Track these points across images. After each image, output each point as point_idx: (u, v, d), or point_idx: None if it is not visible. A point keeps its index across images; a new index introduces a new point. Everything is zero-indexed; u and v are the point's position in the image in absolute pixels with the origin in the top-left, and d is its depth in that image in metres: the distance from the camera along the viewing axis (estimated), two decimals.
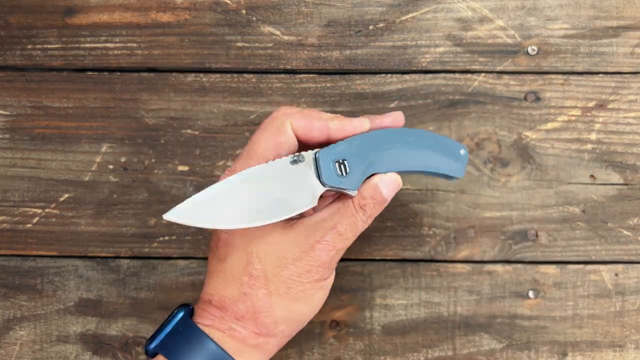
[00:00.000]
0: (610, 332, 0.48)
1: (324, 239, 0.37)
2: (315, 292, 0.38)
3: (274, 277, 0.37)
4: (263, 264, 0.38)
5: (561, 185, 0.48)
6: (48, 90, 0.49)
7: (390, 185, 0.39)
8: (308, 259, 0.37)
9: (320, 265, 0.37)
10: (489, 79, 0.48)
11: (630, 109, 0.48)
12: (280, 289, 0.38)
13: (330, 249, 0.37)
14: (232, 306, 0.38)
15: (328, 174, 0.37)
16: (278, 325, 0.38)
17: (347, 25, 0.49)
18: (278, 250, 0.38)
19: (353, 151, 0.38)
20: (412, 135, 0.41)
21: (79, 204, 0.49)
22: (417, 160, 0.41)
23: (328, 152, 0.38)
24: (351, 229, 0.38)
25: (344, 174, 0.38)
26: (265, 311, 0.38)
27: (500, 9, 0.48)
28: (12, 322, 0.49)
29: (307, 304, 0.38)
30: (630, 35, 0.48)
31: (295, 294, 0.38)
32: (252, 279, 0.38)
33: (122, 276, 0.49)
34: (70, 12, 0.49)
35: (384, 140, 0.40)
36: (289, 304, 0.38)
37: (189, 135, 0.49)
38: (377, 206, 0.39)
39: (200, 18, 0.49)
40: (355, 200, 0.38)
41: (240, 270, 0.38)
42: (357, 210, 0.38)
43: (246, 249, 0.38)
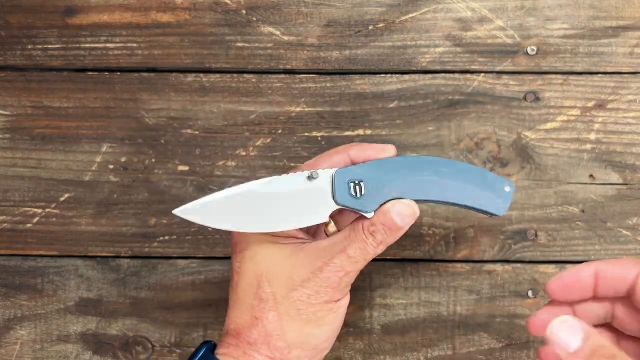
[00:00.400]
0: None
1: (332, 262, 0.37)
2: (326, 314, 0.38)
3: (283, 299, 0.37)
4: (272, 287, 0.37)
5: (561, 185, 0.49)
6: (48, 91, 0.49)
7: (403, 213, 0.38)
8: (316, 280, 0.37)
9: (329, 286, 0.37)
10: (488, 79, 0.49)
11: (629, 109, 0.48)
12: (291, 311, 0.37)
13: (339, 270, 0.37)
14: (245, 332, 0.38)
15: (342, 194, 0.38)
16: (292, 350, 0.37)
17: (347, 26, 0.49)
18: (287, 272, 0.37)
19: (372, 174, 0.38)
20: (447, 165, 0.39)
21: (79, 204, 0.49)
22: (448, 191, 0.39)
23: (345, 173, 0.38)
24: (361, 253, 0.37)
25: (359, 195, 0.38)
26: (277, 334, 0.37)
27: (499, 9, 0.48)
28: (13, 321, 0.49)
29: (318, 326, 0.38)
30: (630, 35, 0.48)
31: (307, 316, 0.37)
32: (263, 302, 0.37)
33: (122, 276, 0.49)
34: (71, 13, 0.49)
35: (410, 167, 0.39)
36: (301, 327, 0.37)
37: (189, 135, 0.49)
38: (388, 233, 0.38)
39: (200, 18, 0.49)
40: (366, 226, 0.37)
41: (252, 295, 0.38)
42: (367, 236, 0.37)
43: (256, 273, 0.38)
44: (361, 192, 0.38)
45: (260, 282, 0.38)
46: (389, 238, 0.38)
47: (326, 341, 0.39)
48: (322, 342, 0.38)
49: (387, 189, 0.38)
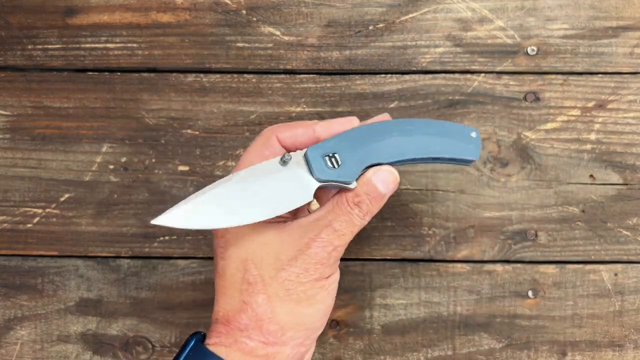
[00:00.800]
0: (609, 332, 0.48)
1: (319, 237, 0.36)
2: (317, 292, 0.37)
3: (271, 280, 0.36)
4: (259, 269, 0.36)
5: (560, 185, 0.49)
6: (48, 91, 0.49)
7: (385, 179, 0.37)
8: (304, 257, 0.36)
9: (318, 262, 0.36)
10: (488, 79, 0.49)
11: (629, 109, 0.48)
12: (280, 292, 0.36)
13: (327, 245, 0.36)
14: (235, 318, 0.37)
15: (319, 168, 0.37)
16: (285, 332, 0.36)
17: (347, 26, 0.49)
18: (273, 252, 0.36)
19: (343, 144, 0.37)
20: (410, 124, 0.39)
21: (79, 204, 0.49)
22: (420, 146, 0.39)
23: (316, 148, 0.37)
24: (347, 225, 0.37)
25: (336, 166, 0.37)
26: (267, 317, 0.36)
27: (499, 9, 0.48)
28: (13, 321, 0.49)
29: (310, 304, 0.37)
30: (630, 35, 0.48)
31: (297, 296, 0.36)
32: (250, 286, 0.36)
33: (122, 276, 0.49)
34: (71, 13, 0.49)
35: (376, 131, 0.38)
36: (292, 307, 0.36)
37: (190, 135, 0.49)
38: (373, 202, 0.37)
39: (200, 18, 0.49)
40: (350, 197, 0.37)
41: (239, 280, 0.37)
42: (352, 207, 0.37)
43: (241, 257, 0.37)
44: (337, 162, 0.37)
45: (246, 265, 0.36)
46: (374, 207, 0.37)
47: (319, 320, 0.38)
48: (315, 320, 0.37)
49: (363, 154, 0.37)
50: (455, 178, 0.49)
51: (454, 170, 0.48)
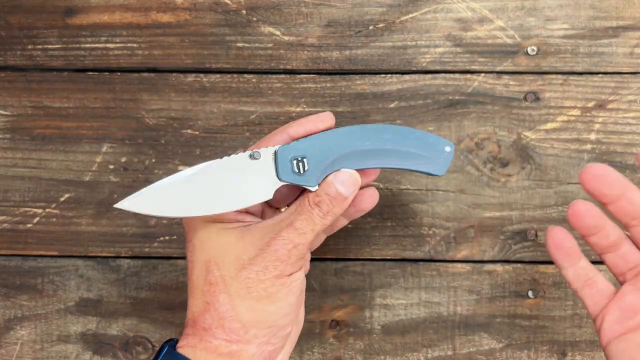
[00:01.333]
0: None
1: (279, 235, 0.37)
2: (278, 289, 0.37)
3: (232, 279, 0.37)
4: (220, 270, 0.37)
5: (561, 185, 0.49)
6: (48, 91, 0.49)
7: (345, 182, 0.38)
8: (264, 255, 0.36)
9: (277, 259, 0.36)
10: (488, 79, 0.49)
11: (629, 109, 0.48)
12: (241, 290, 0.37)
13: (287, 242, 0.37)
14: (200, 319, 0.37)
15: (284, 171, 0.38)
16: (248, 330, 0.37)
17: (347, 26, 0.49)
18: (234, 253, 0.37)
19: (314, 149, 0.38)
20: (388, 132, 0.40)
21: (79, 203, 0.49)
22: (389, 158, 0.40)
23: (287, 150, 0.38)
24: (307, 224, 0.37)
25: (302, 171, 0.38)
26: (229, 316, 0.37)
27: (499, 9, 0.48)
28: (13, 321, 0.49)
29: (271, 302, 0.37)
30: (630, 35, 0.48)
31: (257, 293, 0.37)
32: (212, 286, 0.37)
33: (122, 276, 0.49)
34: (71, 13, 0.49)
35: (350, 137, 0.39)
36: (253, 305, 0.37)
37: (190, 135, 0.49)
38: (333, 202, 0.38)
39: (200, 18, 0.49)
40: (311, 197, 0.37)
41: (202, 281, 0.38)
42: (313, 206, 0.37)
43: (204, 259, 0.38)
44: (304, 168, 0.38)
45: (209, 267, 0.37)
46: (335, 208, 0.38)
47: (283, 317, 0.38)
48: (278, 318, 0.38)
49: (329, 162, 0.38)
50: (455, 178, 0.49)
51: (454, 170, 0.48)
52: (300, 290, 0.39)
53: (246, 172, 0.37)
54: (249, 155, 0.38)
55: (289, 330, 0.39)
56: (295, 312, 0.39)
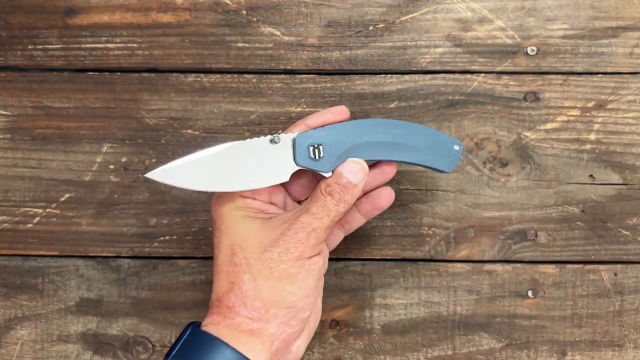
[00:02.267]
0: (609, 332, 0.49)
1: (298, 220, 0.39)
2: (299, 270, 0.39)
3: (255, 261, 0.39)
4: (245, 252, 0.40)
5: (560, 185, 0.49)
6: (49, 91, 0.49)
7: (352, 169, 0.41)
8: (285, 237, 0.39)
9: (297, 241, 0.39)
10: (488, 79, 0.49)
11: (629, 109, 0.48)
12: (263, 270, 0.39)
13: (305, 226, 0.39)
14: (224, 298, 0.40)
15: (301, 156, 0.41)
16: (269, 308, 0.39)
17: (347, 26, 0.49)
18: (258, 238, 0.40)
19: (330, 138, 0.41)
20: (400, 127, 0.42)
21: (79, 203, 0.49)
22: (400, 151, 0.42)
23: (305, 137, 0.41)
24: (322, 210, 0.40)
25: (317, 157, 0.41)
26: (252, 294, 0.39)
27: (499, 9, 0.48)
28: (13, 321, 0.50)
29: (291, 282, 0.39)
30: (630, 35, 0.48)
31: (278, 273, 0.39)
32: (236, 267, 0.40)
33: (122, 276, 0.49)
34: (71, 13, 0.49)
35: (365, 130, 0.42)
36: (274, 284, 0.39)
37: (190, 135, 0.49)
38: (343, 190, 0.40)
39: (200, 18, 0.49)
40: (323, 187, 0.40)
41: (227, 263, 0.40)
42: (325, 195, 0.40)
43: (229, 243, 0.40)
44: (320, 154, 0.41)
45: (234, 250, 0.40)
46: (346, 195, 0.40)
47: (302, 299, 0.40)
48: (298, 299, 0.40)
49: (344, 151, 0.41)
50: (455, 178, 0.49)
51: (454, 170, 0.48)
52: (319, 274, 0.41)
53: (266, 155, 0.41)
54: (270, 139, 0.41)
55: (308, 315, 0.41)
56: (314, 295, 0.41)
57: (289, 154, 0.41)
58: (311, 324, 0.43)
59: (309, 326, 0.42)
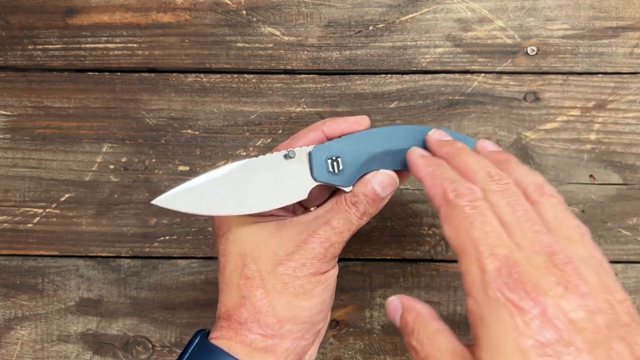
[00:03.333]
0: None
1: (317, 233, 0.37)
2: (315, 286, 0.37)
3: (268, 274, 0.37)
4: (257, 265, 0.37)
5: (560, 185, 0.49)
6: (49, 91, 0.49)
7: (383, 182, 0.38)
8: (301, 252, 0.37)
9: (314, 257, 0.37)
10: (488, 79, 0.49)
11: (629, 109, 0.48)
12: (277, 285, 0.37)
13: (324, 241, 0.37)
14: (235, 313, 0.38)
15: (319, 171, 0.38)
16: (284, 325, 0.37)
17: (347, 26, 0.49)
18: (271, 248, 0.37)
19: (348, 149, 0.38)
20: (421, 133, 0.39)
21: (79, 203, 0.49)
22: None
23: (321, 149, 0.38)
24: (344, 223, 0.37)
25: (336, 171, 0.38)
26: (266, 310, 0.37)
27: (499, 9, 0.48)
28: (13, 321, 0.50)
29: (307, 298, 0.37)
30: (630, 35, 0.48)
31: (294, 289, 0.37)
32: (249, 280, 0.37)
33: (122, 276, 0.49)
34: (71, 13, 0.49)
35: (385, 138, 0.38)
36: (289, 301, 0.37)
37: (190, 135, 0.49)
38: (370, 203, 0.38)
39: (200, 18, 0.49)
40: (348, 197, 0.38)
41: (238, 275, 0.38)
42: (350, 206, 0.37)
43: (240, 254, 0.38)
44: (339, 167, 0.38)
45: (245, 261, 0.37)
46: (371, 208, 0.38)
47: (317, 314, 0.38)
48: (313, 314, 0.38)
49: (364, 162, 0.38)
50: None
51: None
52: (334, 287, 0.39)
53: (281, 172, 0.38)
54: (284, 155, 0.38)
55: (321, 327, 0.40)
56: (328, 308, 0.39)
57: (305, 169, 0.38)
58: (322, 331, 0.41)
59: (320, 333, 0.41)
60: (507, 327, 0.27)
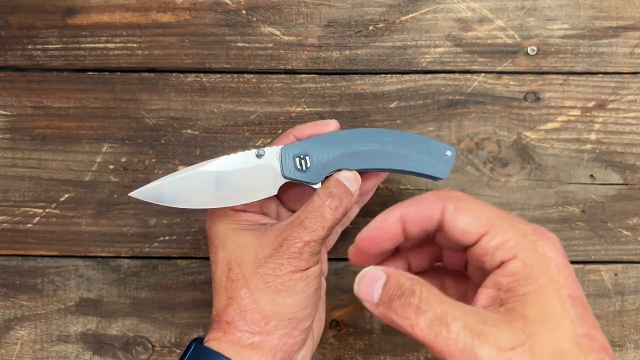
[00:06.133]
0: (609, 332, 0.48)
1: (291, 235, 0.39)
2: (296, 283, 0.39)
3: (251, 275, 0.39)
4: (241, 267, 0.40)
5: (561, 185, 0.49)
6: (48, 91, 0.49)
7: (349, 178, 0.40)
8: (278, 254, 0.39)
9: (290, 257, 0.39)
10: (488, 79, 0.49)
11: (629, 109, 0.48)
12: (260, 284, 0.39)
13: (297, 241, 0.39)
14: (224, 313, 0.40)
15: (288, 168, 0.40)
16: (269, 321, 0.39)
17: (347, 26, 0.49)
18: (252, 253, 0.40)
19: (315, 148, 0.40)
20: (389, 135, 0.41)
21: (79, 203, 0.49)
22: (390, 159, 0.41)
23: (290, 148, 0.40)
24: (317, 221, 0.39)
25: (304, 168, 0.40)
26: (251, 308, 0.39)
27: (500, 9, 0.48)
28: (13, 321, 0.49)
29: (289, 295, 0.39)
30: (630, 35, 0.48)
31: (275, 287, 0.39)
32: (234, 282, 0.40)
33: (122, 276, 0.49)
34: (71, 13, 0.49)
35: (352, 139, 0.41)
36: (273, 298, 0.39)
37: (189, 135, 0.49)
38: (343, 196, 0.40)
39: (200, 18, 0.49)
40: (321, 191, 0.40)
41: (225, 279, 0.40)
42: (324, 199, 0.39)
43: (226, 259, 0.40)
44: (306, 165, 0.40)
45: (231, 265, 0.40)
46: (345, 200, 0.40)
47: (302, 310, 0.39)
48: (297, 310, 0.39)
49: (331, 160, 0.40)
50: (455, 178, 0.49)
51: (454, 170, 0.48)
52: (317, 284, 0.40)
53: (252, 169, 0.40)
54: (256, 153, 0.40)
55: (309, 324, 0.41)
56: (314, 305, 0.40)
57: (276, 166, 0.40)
58: (315, 332, 0.42)
59: (313, 335, 0.42)
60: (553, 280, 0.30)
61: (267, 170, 0.40)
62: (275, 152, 0.40)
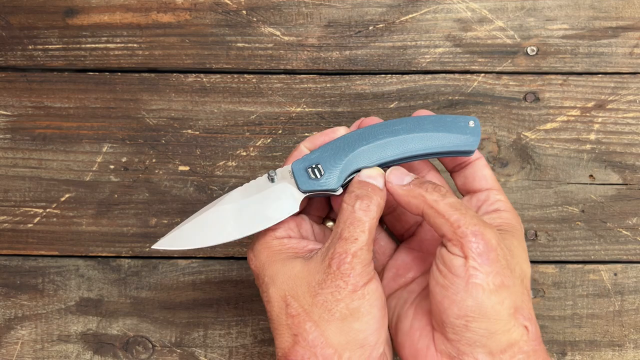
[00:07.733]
0: (609, 332, 0.49)
1: (335, 252, 0.36)
2: (359, 304, 0.36)
3: (311, 307, 0.36)
4: (298, 300, 0.37)
5: (560, 185, 0.49)
6: (49, 91, 0.49)
7: (371, 175, 0.38)
8: (330, 276, 0.36)
9: (344, 275, 0.36)
10: (488, 80, 0.49)
11: (629, 109, 0.48)
12: (323, 314, 0.36)
13: (344, 255, 0.36)
14: (292, 353, 0.37)
15: (303, 181, 0.39)
16: (342, 354, 0.36)
17: (347, 26, 0.49)
18: (304, 282, 0.37)
19: (326, 154, 0.39)
20: (399, 123, 0.39)
21: (80, 203, 0.49)
22: (409, 145, 0.39)
23: (300, 162, 0.39)
24: (355, 227, 0.36)
25: (319, 176, 0.39)
26: (320, 343, 0.36)
27: (499, 9, 0.49)
28: (14, 321, 0.50)
29: (355, 319, 0.36)
30: (629, 35, 0.48)
31: (340, 313, 0.36)
32: (295, 318, 0.37)
33: (123, 276, 0.49)
34: (71, 13, 0.49)
35: (362, 137, 0.39)
36: (340, 326, 0.36)
37: (190, 135, 0.49)
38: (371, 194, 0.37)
39: (200, 19, 0.49)
40: (346, 197, 0.38)
41: (284, 316, 0.37)
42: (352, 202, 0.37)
43: (280, 295, 0.38)
44: (320, 173, 0.39)
45: (287, 301, 0.37)
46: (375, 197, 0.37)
47: (372, 334, 0.37)
48: (368, 335, 0.36)
49: (345, 163, 0.39)
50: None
51: None
52: (382, 302, 0.37)
53: (268, 193, 0.39)
54: (268, 177, 0.39)
55: (382, 350, 0.37)
56: (383, 327, 0.37)
57: (291, 184, 0.39)
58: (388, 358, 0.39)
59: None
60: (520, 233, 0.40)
61: (284, 190, 0.39)
62: (287, 170, 0.39)
